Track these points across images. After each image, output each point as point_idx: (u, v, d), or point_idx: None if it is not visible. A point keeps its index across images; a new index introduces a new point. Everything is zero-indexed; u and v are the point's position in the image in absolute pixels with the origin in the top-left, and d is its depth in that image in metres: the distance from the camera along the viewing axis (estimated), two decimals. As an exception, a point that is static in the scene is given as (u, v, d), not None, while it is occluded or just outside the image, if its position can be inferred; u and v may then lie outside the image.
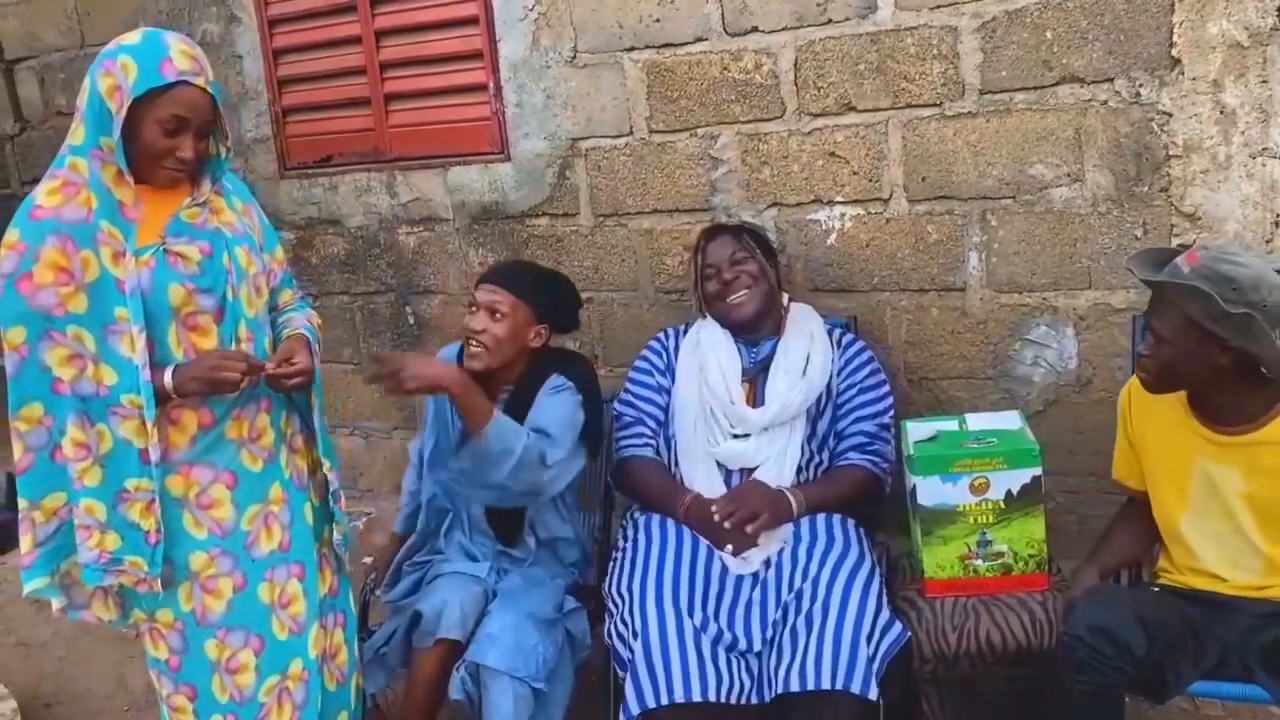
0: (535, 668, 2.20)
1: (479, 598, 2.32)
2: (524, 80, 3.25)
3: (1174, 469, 2.06)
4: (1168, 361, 1.93)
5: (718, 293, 2.55)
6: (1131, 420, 2.16)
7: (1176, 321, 1.89)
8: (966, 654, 2.15)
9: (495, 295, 2.39)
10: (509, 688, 2.16)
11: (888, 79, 2.76)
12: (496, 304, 2.38)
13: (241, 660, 1.98)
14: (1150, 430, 2.11)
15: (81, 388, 1.85)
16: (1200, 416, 2.01)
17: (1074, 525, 2.81)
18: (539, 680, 2.20)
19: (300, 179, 3.74)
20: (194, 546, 1.95)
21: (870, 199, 2.85)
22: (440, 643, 2.26)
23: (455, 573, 2.38)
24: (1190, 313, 1.86)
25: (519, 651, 2.19)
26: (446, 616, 2.25)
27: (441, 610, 2.26)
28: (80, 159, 1.86)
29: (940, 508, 2.19)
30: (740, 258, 2.54)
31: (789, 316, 2.58)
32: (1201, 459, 2.00)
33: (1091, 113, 2.57)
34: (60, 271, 1.81)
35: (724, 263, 2.54)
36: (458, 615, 2.25)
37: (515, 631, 2.22)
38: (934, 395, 2.91)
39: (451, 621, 2.24)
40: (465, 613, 2.26)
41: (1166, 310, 1.91)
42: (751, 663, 2.15)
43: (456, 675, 2.21)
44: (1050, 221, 2.68)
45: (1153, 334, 1.94)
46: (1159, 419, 2.08)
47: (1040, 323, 2.75)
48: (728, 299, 2.53)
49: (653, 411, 2.57)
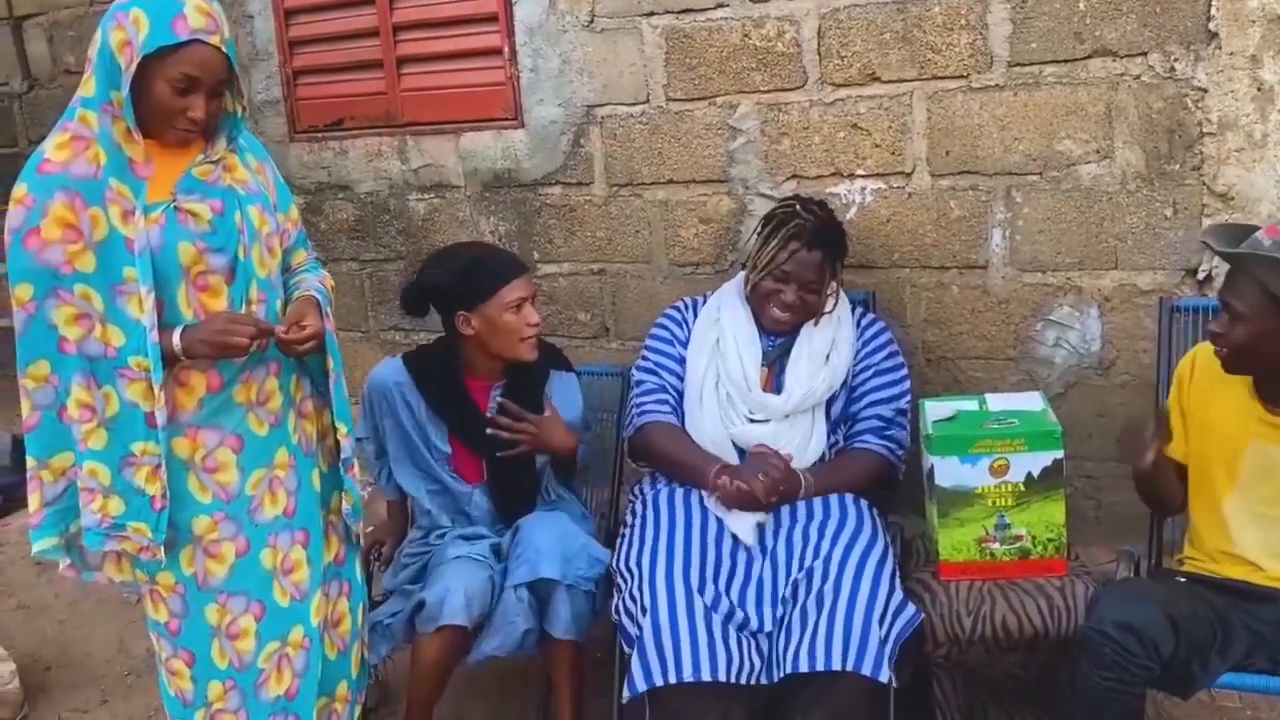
0: (586, 566, 2.27)
1: (485, 583, 2.28)
2: (539, 45, 3.19)
3: (1227, 447, 2.00)
4: (1245, 340, 1.86)
5: (769, 295, 2.39)
6: (1190, 391, 2.09)
7: (1256, 298, 1.81)
8: (981, 639, 2.11)
9: (526, 283, 2.42)
10: (565, 596, 2.23)
11: (913, 49, 2.70)
12: (532, 292, 2.43)
13: (242, 625, 1.96)
14: (1209, 404, 2.04)
15: (88, 348, 1.81)
16: (1264, 398, 1.94)
17: (1092, 510, 2.77)
18: (593, 583, 2.27)
19: (310, 143, 3.69)
20: (198, 510, 1.91)
21: (892, 173, 2.80)
22: (443, 630, 2.22)
23: (460, 558, 2.33)
24: (1273, 288, 1.78)
25: (566, 558, 2.24)
26: (449, 604, 2.21)
27: (445, 597, 2.22)
28: (90, 112, 1.81)
29: (958, 489, 2.15)
30: (815, 288, 2.37)
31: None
32: (1259, 441, 1.94)
33: (1123, 87, 2.51)
34: (68, 228, 1.77)
35: (798, 281, 2.36)
36: (461, 602, 2.21)
37: (560, 540, 2.27)
38: (952, 375, 2.87)
39: (455, 608, 2.21)
40: (470, 598, 2.22)
41: (1245, 285, 1.83)
42: (762, 642, 2.12)
43: (512, 594, 2.24)
44: (1077, 199, 2.62)
45: (1228, 311, 1.87)
46: (1220, 394, 2.01)
47: (1064, 303, 2.70)
48: (772, 310, 2.39)
49: (673, 381, 2.49)
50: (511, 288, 2.37)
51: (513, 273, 2.40)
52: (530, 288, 2.41)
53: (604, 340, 3.33)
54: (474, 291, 2.37)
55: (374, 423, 2.50)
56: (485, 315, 2.37)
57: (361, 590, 2.20)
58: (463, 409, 2.44)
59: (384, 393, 2.46)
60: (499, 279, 2.37)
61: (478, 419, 2.43)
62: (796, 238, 2.37)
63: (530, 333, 2.39)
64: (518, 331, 2.38)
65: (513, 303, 2.37)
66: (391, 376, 2.46)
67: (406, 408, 2.45)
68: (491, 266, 2.41)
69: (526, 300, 2.39)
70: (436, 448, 2.46)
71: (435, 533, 2.48)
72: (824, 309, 2.42)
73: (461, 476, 2.47)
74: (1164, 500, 2.16)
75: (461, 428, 2.45)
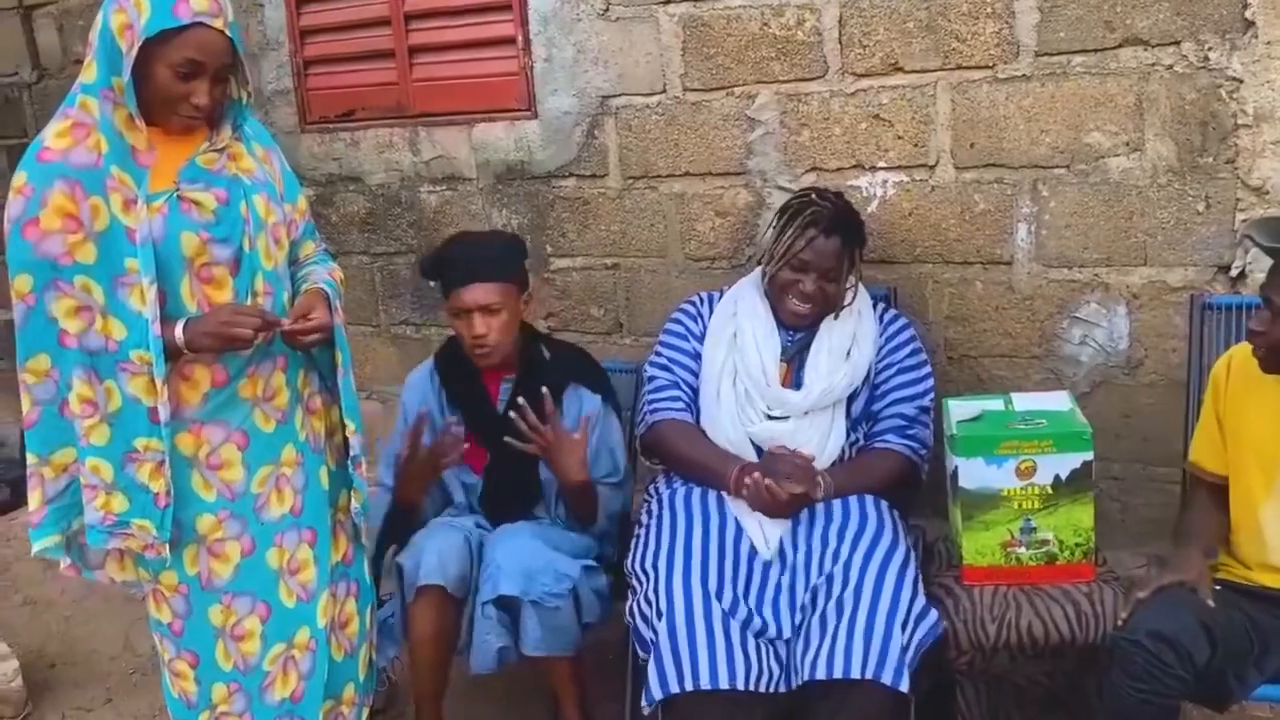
0: (552, 582, 2.16)
1: (459, 542, 2.25)
2: (553, 34, 3.13)
3: (1265, 453, 1.93)
4: None
5: (788, 286, 2.32)
6: (1226, 396, 2.02)
7: None
8: (1006, 646, 2.06)
9: (480, 292, 2.28)
10: (533, 613, 2.14)
11: (938, 38, 2.63)
12: (488, 302, 2.29)
13: (247, 627, 1.92)
14: (1245, 408, 1.98)
15: (89, 341, 1.77)
16: None
17: (1117, 513, 2.71)
18: (560, 598, 2.16)
19: (321, 134, 3.65)
20: (202, 509, 1.87)
21: (915, 165, 2.74)
22: (423, 592, 2.19)
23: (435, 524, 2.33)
24: None
25: (527, 575, 2.14)
26: (424, 565, 2.19)
27: (420, 559, 2.21)
28: (91, 98, 1.77)
29: (983, 491, 2.08)
30: (834, 275, 2.31)
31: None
32: None
33: (1155, 78, 2.44)
34: (68, 218, 1.73)
35: (817, 269, 2.29)
36: (435, 562, 2.19)
37: (520, 555, 2.17)
38: (975, 374, 2.80)
39: (430, 568, 2.19)
40: (443, 556, 2.20)
41: None
42: (780, 649, 2.06)
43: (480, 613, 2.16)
44: (1105, 193, 2.55)
45: (1270, 308, 1.80)
46: (1256, 397, 1.95)
47: (1090, 300, 2.63)
48: (791, 301, 2.33)
49: (688, 378, 2.43)
50: (459, 293, 2.29)
51: (466, 278, 2.28)
52: (483, 297, 2.27)
53: (617, 336, 3.28)
54: (441, 285, 2.35)
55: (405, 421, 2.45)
56: (448, 311, 2.36)
57: (370, 591, 2.17)
58: (472, 396, 2.40)
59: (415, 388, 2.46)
60: (452, 280, 2.31)
61: (485, 409, 2.39)
62: (813, 225, 2.31)
63: (472, 344, 2.30)
64: (464, 336, 2.32)
65: (455, 308, 2.31)
66: (426, 370, 2.48)
67: (437, 394, 2.44)
68: (453, 263, 2.33)
69: (473, 311, 2.27)
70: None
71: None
72: (844, 301, 2.36)
73: (471, 467, 2.43)
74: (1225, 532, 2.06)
75: (470, 414, 2.40)
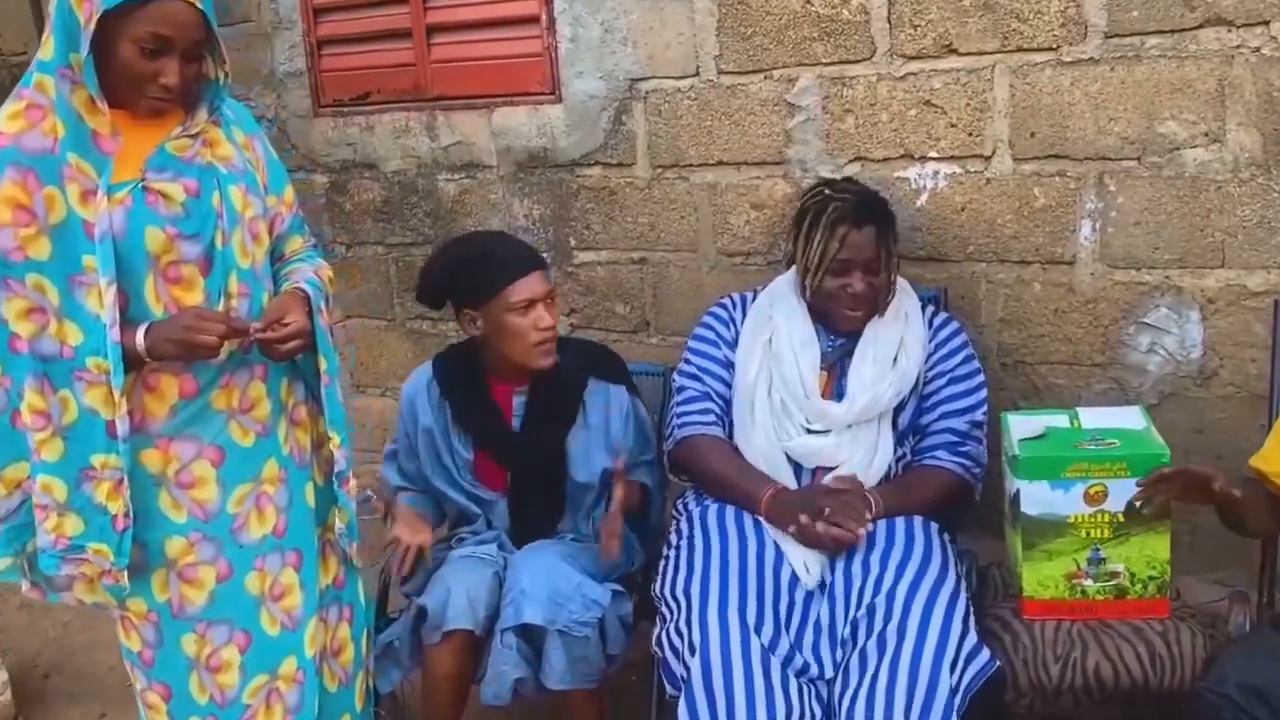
0: (581, 609, 2.05)
1: (489, 580, 2.13)
2: (579, 12, 2.97)
3: None
4: None
5: (836, 294, 2.15)
6: None
7: None
8: (1070, 689, 1.89)
9: (538, 280, 2.18)
10: (559, 643, 2.03)
11: (996, 17, 2.44)
12: (550, 289, 2.20)
13: (224, 658, 1.78)
14: None
15: (42, 347, 1.62)
16: None
17: (1185, 536, 2.49)
18: (589, 627, 2.05)
19: (335, 117, 3.50)
20: (171, 530, 1.72)
21: (969, 156, 2.54)
22: (450, 636, 2.08)
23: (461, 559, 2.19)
24: None
25: (554, 601, 2.04)
26: (453, 606, 2.08)
27: (446, 600, 2.08)
28: (48, 77, 1.61)
29: (1047, 517, 1.91)
30: (877, 267, 2.15)
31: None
32: None
33: (1239, 61, 2.23)
34: (19, 209, 1.58)
35: (860, 265, 2.14)
36: (464, 603, 2.08)
37: (548, 578, 2.06)
38: (1030, 381, 2.61)
39: (458, 611, 2.08)
40: (473, 598, 2.09)
41: None
42: (821, 689, 1.90)
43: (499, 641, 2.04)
44: (1180, 188, 2.35)
45: None
46: None
47: (1160, 304, 2.43)
48: (843, 311, 2.16)
49: (720, 389, 2.26)
50: (517, 286, 2.14)
51: (520, 269, 2.16)
52: (544, 286, 2.17)
53: (644, 335, 3.12)
54: (477, 288, 2.16)
55: (404, 430, 2.35)
56: (490, 315, 2.16)
57: (366, 615, 2.02)
58: (484, 415, 2.26)
59: (413, 401, 2.32)
60: (504, 275, 2.14)
61: (499, 426, 2.25)
62: (841, 220, 2.14)
63: (540, 337, 2.15)
64: (525, 335, 2.15)
65: (519, 303, 2.14)
66: (423, 380, 2.32)
67: (438, 409, 2.30)
68: (498, 260, 2.18)
69: (538, 301, 2.15)
70: (459, 454, 2.29)
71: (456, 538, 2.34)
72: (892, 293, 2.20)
73: (485, 484, 2.31)
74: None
75: (482, 435, 2.27)
